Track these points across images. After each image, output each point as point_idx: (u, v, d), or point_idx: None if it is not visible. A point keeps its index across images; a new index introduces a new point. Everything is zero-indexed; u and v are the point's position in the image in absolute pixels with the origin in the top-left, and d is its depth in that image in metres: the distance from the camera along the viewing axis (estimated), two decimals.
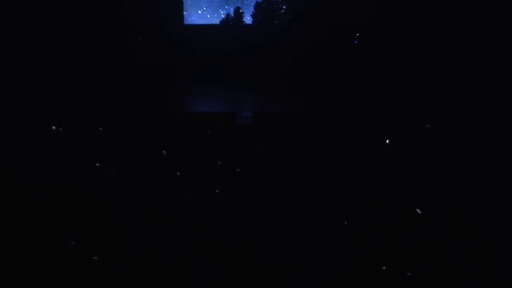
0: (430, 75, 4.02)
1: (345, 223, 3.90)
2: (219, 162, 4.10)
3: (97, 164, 4.03)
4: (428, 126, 4.01)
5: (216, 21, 5.11)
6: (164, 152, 4.15)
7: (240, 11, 4.50)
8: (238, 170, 4.15)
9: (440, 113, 4.01)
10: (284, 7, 4.31)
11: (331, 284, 3.70)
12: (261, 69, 4.47)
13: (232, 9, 4.57)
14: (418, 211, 3.86)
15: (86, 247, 3.74)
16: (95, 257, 3.77)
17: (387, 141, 4.10)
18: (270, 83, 4.47)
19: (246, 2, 4.54)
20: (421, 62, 4.03)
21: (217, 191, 4.01)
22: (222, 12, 4.61)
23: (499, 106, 3.83)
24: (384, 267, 3.76)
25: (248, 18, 4.60)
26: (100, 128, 4.10)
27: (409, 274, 3.60)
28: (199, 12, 4.59)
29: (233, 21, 4.50)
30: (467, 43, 3.95)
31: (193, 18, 4.72)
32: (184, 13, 4.57)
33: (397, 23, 4.02)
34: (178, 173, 4.04)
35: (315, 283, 3.76)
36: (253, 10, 4.51)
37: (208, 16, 4.71)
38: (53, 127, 3.96)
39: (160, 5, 4.36)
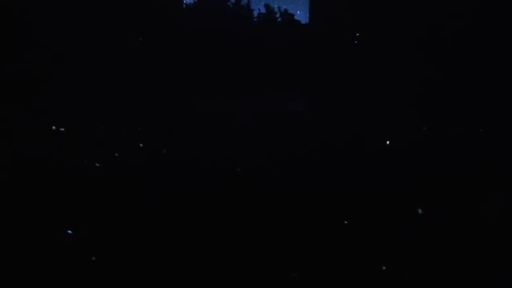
0: (430, 76, 4.02)
1: (345, 222, 3.89)
2: (219, 161, 4.10)
3: (97, 164, 4.04)
4: (424, 128, 4.02)
5: None
6: (164, 151, 4.15)
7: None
8: (238, 169, 4.15)
9: (440, 113, 4.01)
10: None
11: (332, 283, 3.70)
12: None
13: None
14: (419, 211, 3.85)
15: (85, 247, 3.74)
16: (93, 258, 3.78)
17: (387, 142, 4.09)
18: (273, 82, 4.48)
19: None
20: (419, 63, 4.03)
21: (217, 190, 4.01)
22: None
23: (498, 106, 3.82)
24: (384, 267, 3.76)
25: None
26: (103, 128, 4.11)
27: (407, 274, 3.60)
28: None
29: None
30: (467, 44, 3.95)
31: None
32: None
33: (398, 22, 4.03)
34: (175, 173, 4.05)
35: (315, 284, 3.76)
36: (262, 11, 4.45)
37: None
38: (53, 127, 3.97)
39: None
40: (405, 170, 3.96)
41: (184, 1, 4.30)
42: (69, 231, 3.71)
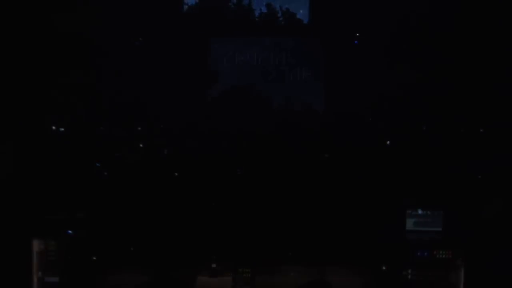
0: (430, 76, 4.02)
1: (345, 222, 3.89)
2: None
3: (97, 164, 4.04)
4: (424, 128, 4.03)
5: None
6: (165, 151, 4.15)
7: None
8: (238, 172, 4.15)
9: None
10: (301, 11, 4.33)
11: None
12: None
13: None
14: (419, 211, 3.85)
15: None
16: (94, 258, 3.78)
17: (388, 142, 4.10)
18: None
19: None
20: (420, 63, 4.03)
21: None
22: None
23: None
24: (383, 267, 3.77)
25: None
26: (102, 128, 4.11)
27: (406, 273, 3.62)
28: None
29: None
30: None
31: None
32: None
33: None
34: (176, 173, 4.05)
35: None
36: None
37: None
38: (53, 127, 3.97)
39: None
40: (405, 169, 3.96)
41: (185, 2, 4.28)
42: (69, 231, 3.71)
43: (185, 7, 4.28)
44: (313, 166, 4.12)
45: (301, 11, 4.32)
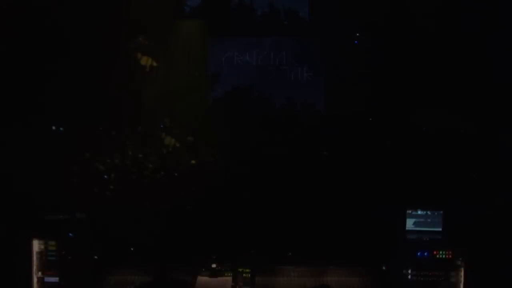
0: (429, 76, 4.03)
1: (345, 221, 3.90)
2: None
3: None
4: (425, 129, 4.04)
5: None
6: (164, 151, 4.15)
7: None
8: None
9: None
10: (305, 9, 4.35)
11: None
12: None
13: None
14: (419, 211, 3.85)
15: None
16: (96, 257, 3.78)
17: (388, 142, 4.11)
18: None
19: None
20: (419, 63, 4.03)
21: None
22: None
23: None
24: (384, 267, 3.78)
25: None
26: (101, 128, 4.11)
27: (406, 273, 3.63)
28: None
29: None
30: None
31: None
32: None
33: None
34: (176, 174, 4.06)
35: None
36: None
37: None
38: (54, 127, 3.97)
39: None
40: (405, 169, 3.97)
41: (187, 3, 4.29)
42: (70, 234, 3.71)
43: (187, 8, 4.30)
44: (313, 166, 4.12)
45: (305, 9, 4.33)
